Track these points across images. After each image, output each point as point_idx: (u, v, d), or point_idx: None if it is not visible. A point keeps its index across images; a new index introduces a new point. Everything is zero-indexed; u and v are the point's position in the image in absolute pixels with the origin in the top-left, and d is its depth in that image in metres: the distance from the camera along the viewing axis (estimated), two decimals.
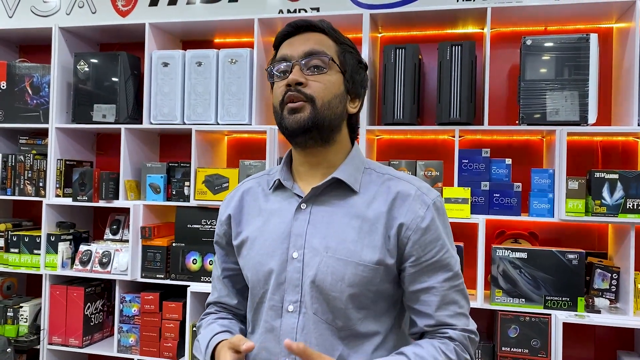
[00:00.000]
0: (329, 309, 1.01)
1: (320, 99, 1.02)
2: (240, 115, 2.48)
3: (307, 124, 1.01)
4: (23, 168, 2.78)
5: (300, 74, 1.03)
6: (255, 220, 1.12)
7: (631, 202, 2.08)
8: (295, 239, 1.04)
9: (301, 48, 1.04)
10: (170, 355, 2.50)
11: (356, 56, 1.11)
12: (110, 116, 2.63)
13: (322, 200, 1.07)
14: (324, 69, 1.04)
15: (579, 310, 2.12)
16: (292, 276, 1.02)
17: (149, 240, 2.55)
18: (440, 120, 2.29)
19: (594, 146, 2.41)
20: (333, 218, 1.04)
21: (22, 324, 2.70)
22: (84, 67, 2.68)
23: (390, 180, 1.08)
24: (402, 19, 2.45)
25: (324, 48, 1.05)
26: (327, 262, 1.01)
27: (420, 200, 1.04)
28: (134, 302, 2.58)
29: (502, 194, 2.24)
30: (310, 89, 1.02)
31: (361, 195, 1.06)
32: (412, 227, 1.02)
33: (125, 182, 2.62)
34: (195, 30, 2.74)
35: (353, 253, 1.01)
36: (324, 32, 1.08)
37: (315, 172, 1.09)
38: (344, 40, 1.10)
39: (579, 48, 2.16)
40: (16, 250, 2.75)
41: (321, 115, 1.02)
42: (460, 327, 1.04)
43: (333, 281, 1.00)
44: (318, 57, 1.04)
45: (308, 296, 1.01)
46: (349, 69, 1.08)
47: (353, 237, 1.02)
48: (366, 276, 1.01)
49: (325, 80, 1.04)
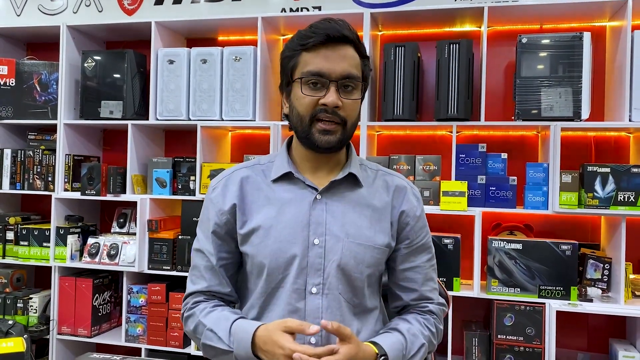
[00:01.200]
0: (351, 288, 1.14)
1: (351, 121, 1.13)
2: (244, 112, 2.55)
3: (336, 145, 1.12)
4: (32, 163, 2.85)
5: (337, 96, 1.09)
6: (265, 209, 1.16)
7: (622, 194, 2.15)
8: (316, 226, 1.13)
9: (339, 67, 1.08)
10: (177, 345, 2.57)
11: (368, 62, 1.18)
12: (117, 112, 2.70)
13: (334, 192, 1.17)
14: (356, 92, 1.13)
15: (572, 300, 2.19)
16: (315, 261, 1.12)
17: (156, 233, 2.62)
18: (438, 116, 2.35)
19: (587, 141, 2.48)
20: (346, 208, 1.16)
21: (32, 314, 2.77)
22: (91, 64, 2.74)
23: (385, 176, 1.24)
24: (401, 17, 2.52)
25: (357, 70, 1.12)
26: (349, 247, 1.13)
27: (412, 192, 1.24)
28: (141, 293, 2.65)
29: (498, 187, 2.31)
30: (345, 111, 1.10)
31: (366, 188, 1.20)
32: (411, 215, 1.21)
33: (132, 177, 2.69)
34: (200, 29, 2.80)
35: (369, 238, 1.16)
36: (353, 44, 1.12)
37: (321, 166, 1.19)
38: (365, 53, 1.16)
39: (573, 46, 2.23)
40: (26, 243, 2.82)
41: (348, 135, 1.15)
42: (436, 301, 1.23)
43: (355, 263, 1.13)
44: (354, 81, 1.11)
45: (334, 278, 1.12)
46: (367, 82, 1.18)
47: (366, 224, 1.16)
48: (379, 257, 1.17)
49: (356, 102, 1.13)
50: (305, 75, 1.10)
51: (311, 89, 1.10)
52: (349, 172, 1.17)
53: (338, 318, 1.12)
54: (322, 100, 1.09)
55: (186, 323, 1.21)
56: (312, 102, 1.10)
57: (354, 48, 1.12)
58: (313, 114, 1.10)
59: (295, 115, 1.13)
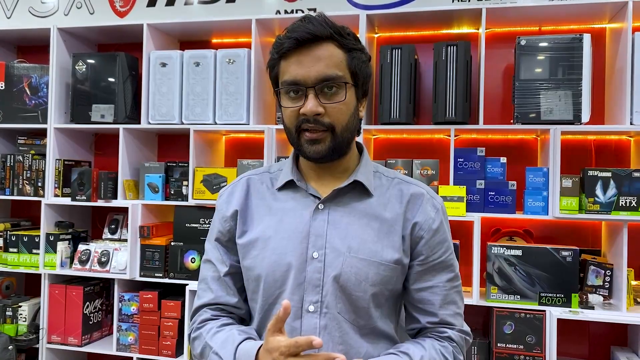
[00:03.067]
0: (352, 308, 1.03)
1: (340, 125, 1.02)
2: (238, 115, 2.50)
3: (328, 153, 1.02)
4: (22, 168, 2.80)
5: (316, 102, 0.99)
6: (266, 219, 1.10)
7: (624, 199, 2.11)
8: (315, 239, 1.04)
9: (313, 71, 0.99)
10: (169, 354, 2.51)
11: (363, 54, 1.06)
12: (108, 116, 2.64)
13: (339, 201, 1.08)
14: (341, 93, 1.01)
15: (573, 307, 2.15)
16: (313, 276, 1.02)
17: (148, 240, 2.57)
18: (436, 120, 2.31)
19: (587, 145, 2.44)
20: (351, 219, 1.06)
21: (21, 323, 2.71)
22: (82, 67, 2.69)
23: (400, 184, 1.11)
24: (398, 19, 2.48)
25: (339, 69, 1.01)
26: (350, 262, 1.02)
27: (430, 203, 1.09)
28: (133, 301, 2.59)
29: (497, 192, 2.27)
30: (329, 117, 1.00)
31: (376, 198, 1.08)
32: (425, 228, 1.07)
33: (124, 182, 2.63)
34: (193, 31, 2.76)
35: (375, 253, 1.04)
36: (332, 39, 1.01)
37: (327, 175, 1.10)
38: (353, 44, 1.03)
39: (573, 48, 2.19)
40: (15, 249, 2.76)
41: (340, 140, 1.03)
42: (458, 328, 1.09)
43: (357, 281, 1.02)
44: (334, 82, 1.00)
45: (332, 296, 1.02)
46: (361, 77, 1.05)
47: (373, 237, 1.05)
48: (387, 275, 1.04)
49: (343, 104, 1.01)
50: (283, 86, 1.03)
51: (291, 99, 1.03)
52: (354, 179, 1.07)
53: (338, 339, 1.02)
54: (302, 110, 1.00)
55: (193, 345, 1.12)
56: (294, 113, 1.02)
57: (335, 44, 1.01)
58: (297, 125, 1.02)
59: (284, 127, 1.07)
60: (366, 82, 1.08)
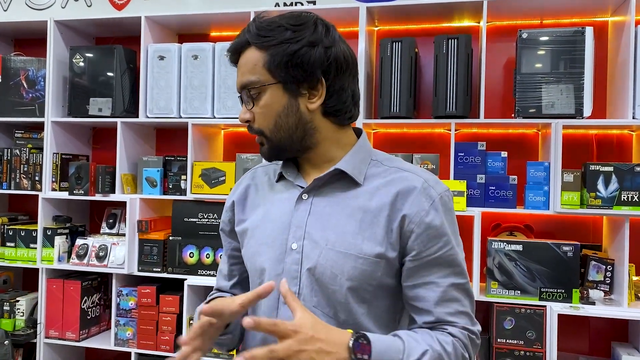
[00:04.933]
0: (329, 302, 0.99)
1: (267, 129, 1.02)
2: (237, 109, 2.48)
3: (272, 154, 1.05)
4: (19, 162, 2.78)
5: (244, 109, 1.04)
6: (259, 209, 1.11)
7: (626, 194, 2.09)
8: (295, 229, 1.02)
9: (238, 82, 1.04)
10: (168, 349, 2.50)
11: (289, 45, 0.97)
12: (106, 110, 2.62)
13: (324, 191, 1.04)
14: (260, 96, 1.01)
15: (574, 302, 2.13)
16: (290, 268, 1.00)
17: (146, 234, 2.55)
18: (436, 114, 2.29)
19: (589, 139, 2.42)
20: (334, 210, 1.02)
21: (19, 318, 2.70)
22: (79, 60, 2.67)
23: (397, 173, 1.03)
24: (398, 12, 2.45)
25: (252, 74, 0.99)
26: (326, 255, 0.98)
27: (425, 193, 0.99)
28: (131, 296, 2.58)
29: (497, 186, 2.25)
30: (256, 122, 1.03)
31: (365, 187, 1.02)
32: (416, 221, 0.97)
33: (122, 176, 2.62)
34: (192, 24, 2.73)
35: (353, 246, 0.98)
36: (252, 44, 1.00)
37: (317, 166, 1.07)
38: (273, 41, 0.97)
39: (575, 41, 2.17)
40: (12, 244, 2.74)
41: (277, 140, 1.02)
42: (461, 325, 0.98)
43: (332, 274, 0.98)
44: (249, 89, 1.01)
45: (307, 289, 0.99)
46: (283, 72, 0.98)
47: (354, 229, 0.99)
48: (366, 269, 0.98)
49: (265, 107, 1.01)
50: None
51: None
52: (335, 168, 1.02)
53: None
54: None
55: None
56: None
57: (254, 47, 0.99)
58: None
59: None
60: (306, 71, 0.98)
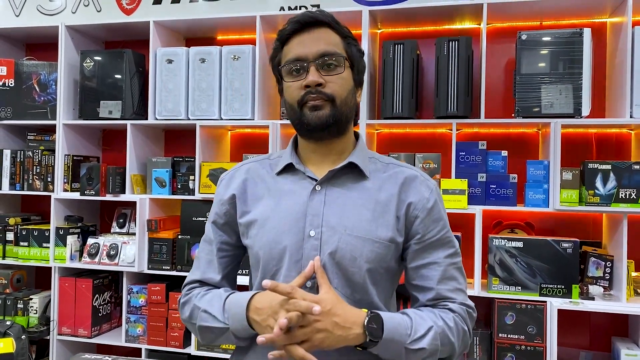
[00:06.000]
0: (348, 283, 1.08)
1: (339, 97, 1.10)
2: (243, 111, 2.54)
3: (328, 120, 1.09)
4: (31, 164, 2.85)
5: (318, 74, 1.08)
6: (265, 200, 1.16)
7: (623, 191, 2.13)
8: (312, 218, 1.10)
9: (314, 48, 1.09)
10: (177, 345, 2.56)
11: (357, 46, 1.16)
12: (116, 112, 2.69)
13: (335, 183, 1.14)
14: (339, 68, 1.10)
15: (574, 298, 2.18)
16: (310, 253, 1.08)
17: (155, 233, 2.62)
18: (438, 114, 2.34)
19: (588, 138, 2.46)
20: (347, 199, 1.12)
21: (32, 315, 2.77)
22: (90, 64, 2.74)
23: (395, 168, 1.18)
24: (400, 15, 2.50)
25: (335, 47, 1.10)
26: (346, 240, 1.08)
27: (424, 184, 1.15)
28: (141, 293, 2.64)
29: (498, 185, 2.30)
30: (330, 88, 1.09)
31: (371, 181, 1.15)
32: (419, 207, 1.12)
33: (132, 177, 2.68)
34: (199, 28, 2.80)
35: (369, 231, 1.09)
36: (329, 26, 1.12)
37: (325, 159, 1.17)
38: (347, 33, 1.15)
39: (573, 42, 2.21)
40: (25, 243, 2.81)
41: (340, 112, 1.10)
42: (459, 301, 1.12)
43: (352, 257, 1.07)
44: (333, 57, 1.09)
45: (328, 272, 1.07)
46: (355, 63, 1.15)
47: (368, 216, 1.10)
48: (381, 253, 1.09)
49: (341, 78, 1.10)
50: (285, 64, 1.12)
51: (294, 76, 1.11)
52: (349, 161, 1.14)
53: None
54: (304, 82, 1.08)
55: (182, 310, 1.21)
56: (297, 87, 1.10)
57: (331, 30, 1.12)
58: (300, 99, 1.10)
59: (287, 106, 1.15)
60: (361, 72, 1.17)
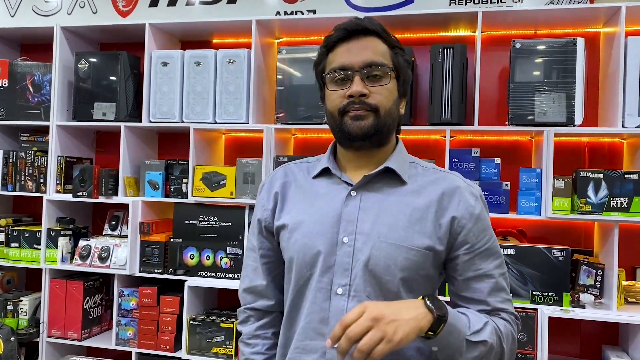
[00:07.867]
0: (382, 292, 1.05)
1: (383, 108, 1.08)
2: (238, 114, 2.54)
3: (370, 131, 1.07)
4: (24, 164, 2.83)
5: (362, 85, 1.06)
6: (300, 204, 1.15)
7: (615, 200, 2.15)
8: (346, 224, 1.08)
9: (360, 57, 1.06)
10: (168, 349, 2.55)
11: (404, 56, 1.14)
12: (110, 114, 2.68)
13: (371, 188, 1.11)
14: (385, 79, 1.08)
15: (565, 306, 2.18)
16: (342, 260, 1.06)
17: (147, 236, 2.61)
18: (432, 121, 2.35)
19: (580, 147, 2.48)
20: (383, 205, 1.09)
21: (22, 317, 2.75)
22: (84, 66, 2.73)
23: (436, 173, 1.14)
24: (396, 22, 2.51)
25: (381, 57, 1.08)
26: (379, 247, 1.05)
27: (469, 191, 1.10)
28: (132, 296, 2.63)
29: (491, 192, 2.30)
30: (374, 99, 1.07)
31: (410, 186, 1.11)
32: (466, 217, 1.08)
33: (125, 179, 2.67)
34: (194, 31, 2.80)
35: (404, 238, 1.05)
36: (377, 35, 1.10)
37: (363, 165, 1.14)
38: (395, 43, 1.12)
39: (567, 52, 2.23)
40: (16, 245, 2.80)
41: (383, 122, 1.08)
42: (510, 311, 1.10)
43: (386, 265, 1.04)
44: (379, 68, 1.07)
45: (360, 280, 1.05)
46: (402, 74, 1.13)
47: (404, 223, 1.07)
48: (417, 261, 1.05)
49: (386, 90, 1.08)
50: (330, 72, 1.10)
51: (338, 84, 1.09)
52: (385, 166, 1.11)
53: None
54: (348, 92, 1.06)
55: (241, 347, 1.24)
56: (340, 96, 1.08)
57: (379, 39, 1.10)
58: (342, 107, 1.08)
59: (328, 114, 1.13)
60: (406, 82, 1.15)
